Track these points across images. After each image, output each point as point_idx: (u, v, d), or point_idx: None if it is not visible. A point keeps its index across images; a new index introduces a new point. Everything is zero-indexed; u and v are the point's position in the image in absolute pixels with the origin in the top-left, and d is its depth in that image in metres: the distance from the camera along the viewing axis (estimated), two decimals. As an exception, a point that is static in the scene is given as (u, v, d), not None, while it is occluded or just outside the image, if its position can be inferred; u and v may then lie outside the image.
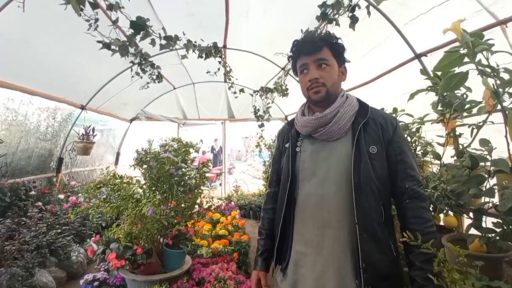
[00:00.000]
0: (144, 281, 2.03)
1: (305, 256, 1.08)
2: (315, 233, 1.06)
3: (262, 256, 1.25)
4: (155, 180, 2.08)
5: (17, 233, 2.83)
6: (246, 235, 3.36)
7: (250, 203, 5.34)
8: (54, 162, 4.28)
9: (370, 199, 1.01)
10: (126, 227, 2.07)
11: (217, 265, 2.42)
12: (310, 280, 1.05)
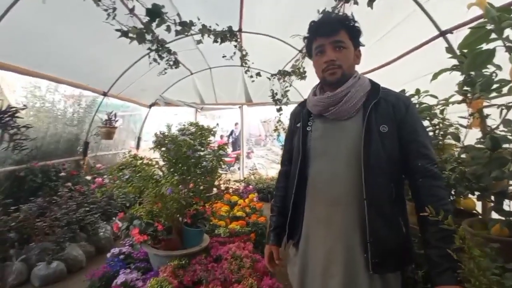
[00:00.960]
0: (165, 255, 2.15)
1: (315, 231, 1.12)
2: (325, 209, 1.09)
3: (275, 231, 1.30)
4: (173, 162, 2.16)
5: (48, 210, 3.05)
6: (263, 217, 3.43)
7: (269, 187, 5.40)
8: (80, 146, 4.51)
9: (379, 177, 1.02)
10: (147, 206, 2.18)
11: (234, 244, 2.51)
12: (320, 254, 1.09)
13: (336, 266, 1.05)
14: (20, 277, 2.74)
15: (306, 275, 1.15)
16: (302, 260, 1.16)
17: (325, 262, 1.08)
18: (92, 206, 3.46)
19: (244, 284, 1.87)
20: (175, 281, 1.90)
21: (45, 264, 2.74)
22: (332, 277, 1.05)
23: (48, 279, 2.72)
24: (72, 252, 2.95)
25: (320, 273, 1.09)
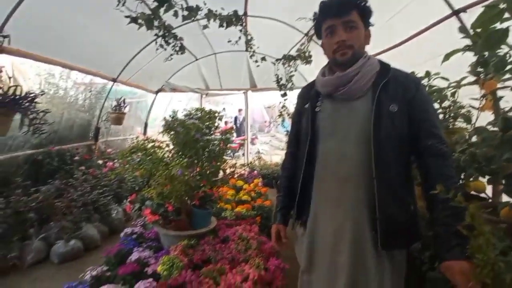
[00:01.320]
0: (175, 235, 2.22)
1: (324, 210, 1.13)
2: (334, 188, 1.10)
3: (282, 211, 1.32)
4: (182, 145, 2.18)
5: (65, 192, 3.15)
6: (268, 201, 3.48)
7: (273, 173, 5.43)
8: (92, 131, 4.59)
9: (389, 156, 1.02)
10: (157, 188, 2.23)
11: (241, 226, 2.57)
12: (328, 231, 1.11)
13: (344, 243, 1.07)
14: (39, 255, 2.86)
15: (314, 252, 1.18)
16: (310, 238, 1.18)
17: (334, 239, 1.10)
18: (104, 189, 3.55)
19: (251, 264, 1.92)
20: (186, 259, 1.96)
21: (63, 242, 2.86)
22: (340, 254, 1.08)
23: (66, 256, 2.85)
24: (88, 232, 3.07)
25: (329, 249, 1.11)
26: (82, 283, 1.86)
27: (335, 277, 1.09)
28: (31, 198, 2.99)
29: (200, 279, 1.75)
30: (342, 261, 1.07)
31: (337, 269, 1.08)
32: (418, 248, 1.35)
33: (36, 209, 3.00)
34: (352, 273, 1.05)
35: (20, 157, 3.39)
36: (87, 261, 2.80)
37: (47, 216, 3.06)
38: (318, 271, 1.16)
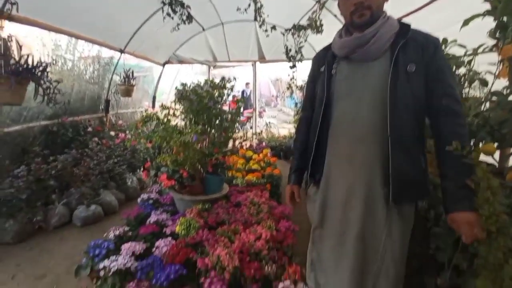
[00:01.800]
0: (190, 200, 2.35)
1: (337, 168, 1.18)
2: (348, 148, 1.14)
3: (296, 173, 1.39)
4: (195, 113, 2.23)
5: (82, 161, 3.29)
6: (277, 169, 3.58)
7: (281, 145, 5.51)
8: (102, 104, 4.66)
9: (404, 116, 1.05)
10: (172, 156, 2.32)
11: (252, 192, 2.68)
12: (341, 188, 1.17)
13: (356, 199, 1.13)
14: (62, 219, 3.06)
15: (327, 209, 1.24)
16: (323, 196, 1.24)
17: (346, 196, 1.15)
18: (119, 159, 3.69)
19: (263, 225, 2.04)
20: (201, 221, 2.10)
21: (84, 207, 3.04)
22: (352, 209, 1.14)
23: (88, 220, 3.04)
24: (106, 198, 3.24)
25: (341, 206, 1.17)
26: (106, 240, 2.01)
27: (346, 230, 1.16)
28: (51, 166, 3.15)
29: (216, 237, 1.89)
30: (353, 216, 1.14)
31: (348, 223, 1.16)
32: (424, 207, 1.43)
33: (56, 176, 3.16)
34: (362, 226, 1.12)
35: (36, 127, 3.51)
36: (107, 224, 2.98)
37: (67, 183, 3.22)
38: (330, 226, 1.24)
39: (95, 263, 1.88)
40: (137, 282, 1.56)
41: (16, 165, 3.03)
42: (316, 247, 1.34)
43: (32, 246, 2.70)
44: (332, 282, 1.25)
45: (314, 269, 1.35)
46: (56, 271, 2.32)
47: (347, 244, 1.16)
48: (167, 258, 1.72)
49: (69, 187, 3.23)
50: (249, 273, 1.58)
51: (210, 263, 1.63)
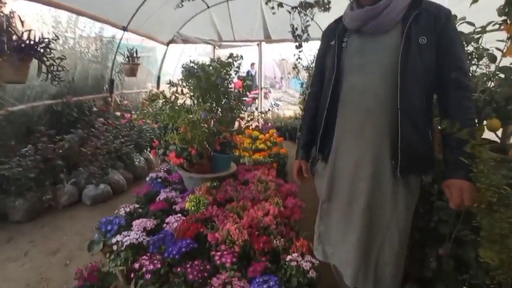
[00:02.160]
0: (198, 178, 2.36)
1: (346, 142, 1.19)
2: (357, 121, 1.14)
3: (304, 148, 1.41)
4: (203, 90, 2.20)
5: (89, 141, 3.30)
6: (284, 149, 3.58)
7: (286, 125, 5.48)
8: (106, 83, 4.62)
9: (414, 88, 1.04)
10: (179, 135, 2.31)
11: (259, 170, 2.69)
12: (350, 161, 1.18)
13: (364, 171, 1.14)
14: (72, 198, 3.11)
15: (335, 183, 1.26)
16: (332, 170, 1.26)
17: (354, 168, 1.17)
18: (125, 139, 3.70)
19: (271, 202, 2.05)
20: (210, 198, 2.12)
21: (93, 186, 3.09)
22: (360, 182, 1.16)
23: (97, 199, 3.09)
24: (114, 177, 3.28)
25: (349, 178, 1.19)
26: (117, 217, 2.05)
27: (353, 203, 1.20)
28: (58, 146, 3.17)
29: (225, 213, 1.91)
30: (361, 188, 1.16)
31: (356, 195, 1.18)
32: (428, 182, 1.44)
33: (63, 156, 3.18)
34: (370, 197, 1.14)
35: (40, 107, 3.50)
36: (116, 203, 3.03)
37: (75, 162, 3.25)
38: (338, 199, 1.27)
39: (107, 239, 1.92)
40: (150, 256, 1.59)
41: (22, 144, 3.05)
42: (323, 221, 1.38)
43: (43, 224, 2.77)
44: (339, 252, 1.29)
45: (322, 242, 1.40)
46: (68, 247, 2.39)
47: (354, 215, 1.19)
48: (178, 233, 1.75)
49: (77, 166, 3.26)
50: (258, 247, 1.60)
51: (220, 237, 1.66)
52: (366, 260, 1.19)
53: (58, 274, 2.03)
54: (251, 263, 1.55)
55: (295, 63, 5.42)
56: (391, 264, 1.17)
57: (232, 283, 1.34)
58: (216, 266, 1.51)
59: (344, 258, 1.26)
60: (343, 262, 1.28)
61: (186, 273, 1.42)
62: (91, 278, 1.52)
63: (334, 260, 1.36)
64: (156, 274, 1.51)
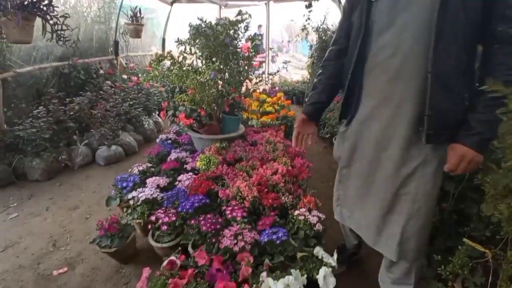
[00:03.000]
0: (207, 139, 2.39)
1: (372, 108, 1.10)
2: (384, 85, 1.05)
3: (314, 105, 1.30)
4: (211, 49, 2.13)
5: (98, 103, 3.31)
6: (292, 111, 3.55)
7: (294, 89, 5.37)
8: (111, 46, 4.50)
9: (451, 46, 0.92)
10: (189, 94, 2.29)
11: (267, 132, 2.70)
12: (375, 128, 1.11)
13: (389, 139, 1.08)
14: (86, 159, 3.20)
15: (357, 149, 1.20)
16: (355, 137, 1.19)
17: (379, 136, 1.10)
18: (134, 101, 3.69)
19: (279, 162, 2.08)
20: (220, 157, 2.16)
21: (106, 147, 3.16)
22: (385, 150, 1.10)
23: (110, 160, 3.18)
24: (125, 139, 3.34)
25: (373, 146, 1.13)
26: (132, 175, 2.12)
27: (376, 171, 1.15)
28: (68, 108, 3.19)
29: (235, 172, 1.96)
30: (386, 156, 1.10)
31: (379, 163, 1.13)
32: None
33: (74, 118, 3.22)
34: (395, 166, 1.08)
35: (48, 69, 3.47)
36: (129, 163, 3.12)
37: (86, 124, 3.30)
38: (359, 166, 1.21)
39: (123, 195, 2.01)
40: (165, 210, 1.67)
41: (33, 106, 3.08)
42: (342, 185, 1.34)
43: (61, 183, 2.88)
44: (357, 217, 1.28)
45: (340, 204, 1.38)
46: (87, 203, 2.51)
47: (377, 184, 1.15)
48: (190, 189, 1.81)
49: (88, 128, 3.31)
50: (267, 202, 1.66)
51: (230, 193, 1.72)
52: (387, 228, 1.16)
53: (80, 228, 2.16)
54: (260, 217, 1.61)
55: (304, 24, 5.16)
56: (416, 237, 1.11)
57: (243, 233, 1.42)
58: (227, 220, 1.58)
59: (363, 224, 1.25)
60: (361, 227, 1.27)
61: (200, 225, 1.49)
62: (111, 228, 1.61)
63: (350, 223, 1.35)
64: (171, 226, 1.60)
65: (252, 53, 2.48)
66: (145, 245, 1.91)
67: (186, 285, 1.15)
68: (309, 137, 1.32)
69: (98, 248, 1.64)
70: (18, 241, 2.01)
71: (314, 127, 1.33)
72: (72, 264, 1.78)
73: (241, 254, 1.32)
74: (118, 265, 1.75)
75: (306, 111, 1.30)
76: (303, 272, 1.25)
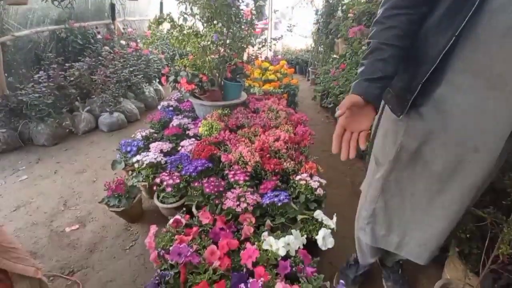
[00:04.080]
0: (209, 105, 2.36)
1: (467, 92, 0.72)
2: (499, 59, 0.66)
3: (377, 82, 0.76)
4: (213, 10, 2.02)
5: (98, 69, 3.23)
6: (295, 79, 3.47)
7: (297, 58, 5.21)
8: (107, 10, 4.29)
9: None
10: (190, 58, 2.22)
11: (269, 100, 2.66)
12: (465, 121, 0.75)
13: (489, 137, 0.74)
14: (89, 125, 3.21)
15: (424, 146, 0.84)
16: (427, 129, 0.82)
17: (471, 131, 0.75)
18: (134, 68, 3.61)
19: (281, 129, 2.07)
20: (222, 124, 2.15)
21: (108, 114, 3.15)
22: (477, 151, 0.76)
23: (113, 126, 3.19)
24: (127, 106, 3.32)
25: (456, 143, 0.78)
26: (135, 140, 2.13)
27: (454, 177, 0.82)
28: (69, 74, 3.13)
29: (237, 138, 1.96)
30: (476, 160, 0.77)
31: (461, 168, 0.80)
32: None
33: (75, 84, 3.18)
34: (485, 173, 0.78)
35: (45, 33, 3.36)
36: (131, 130, 3.13)
37: (87, 91, 3.26)
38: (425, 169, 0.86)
39: (128, 159, 2.04)
40: (169, 172, 1.70)
41: (33, 71, 3.03)
42: (385, 196, 0.98)
43: (67, 148, 2.92)
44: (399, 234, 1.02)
45: (372, 222, 1.06)
46: (93, 167, 2.56)
47: (451, 192, 0.84)
48: (193, 154, 1.83)
49: (90, 95, 3.28)
50: (269, 167, 1.68)
51: (233, 158, 1.74)
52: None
53: (88, 190, 2.23)
54: (262, 182, 1.64)
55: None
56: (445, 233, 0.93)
57: (245, 196, 1.45)
58: (230, 183, 1.61)
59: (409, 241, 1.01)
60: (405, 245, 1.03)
61: (203, 187, 1.53)
62: (118, 189, 1.66)
63: (384, 244, 1.08)
64: (175, 187, 1.64)
65: (254, 15, 2.36)
66: (151, 206, 1.98)
67: (191, 241, 1.21)
68: (362, 136, 0.75)
69: (107, 208, 1.71)
70: (29, 201, 2.08)
71: (371, 117, 0.77)
72: (83, 222, 1.86)
73: (244, 215, 1.37)
74: (126, 223, 1.83)
75: (364, 90, 0.75)
76: (303, 233, 1.30)
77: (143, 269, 1.51)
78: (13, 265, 1.06)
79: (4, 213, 1.95)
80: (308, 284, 0.98)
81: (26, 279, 1.12)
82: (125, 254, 1.60)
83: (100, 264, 1.54)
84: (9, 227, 1.80)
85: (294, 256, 1.14)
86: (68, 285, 1.43)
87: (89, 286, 1.42)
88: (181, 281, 1.04)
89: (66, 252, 1.62)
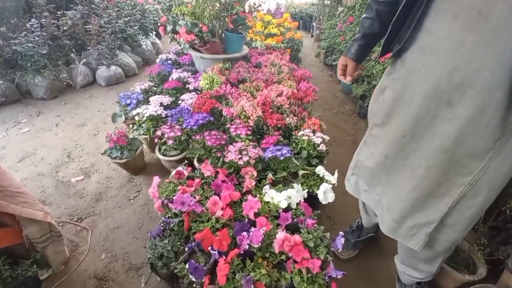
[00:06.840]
0: (210, 58, 2.20)
1: (451, 34, 0.65)
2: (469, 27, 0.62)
3: (360, 41, 0.91)
4: None
5: (91, 19, 2.97)
6: (299, 34, 3.22)
7: (301, 12, 4.80)
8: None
9: None
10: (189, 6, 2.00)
11: (272, 54, 2.48)
12: (440, 70, 0.68)
13: (461, 91, 0.66)
14: (87, 78, 3.05)
15: (402, 99, 0.79)
16: (404, 79, 0.78)
17: (446, 82, 0.67)
18: (129, 18, 3.32)
19: (284, 84, 1.96)
20: (223, 77, 2.02)
21: (105, 67, 2.97)
22: (450, 106, 0.69)
23: (110, 80, 3.03)
24: (124, 59, 3.12)
25: (429, 96, 0.71)
26: (135, 93, 2.02)
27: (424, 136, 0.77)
28: (61, 23, 2.87)
29: (239, 92, 1.85)
30: (448, 116, 0.70)
31: (432, 125, 0.74)
32: None
33: (69, 34, 2.94)
34: (458, 134, 0.69)
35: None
36: (130, 84, 2.99)
37: (82, 42, 3.03)
38: (397, 125, 0.82)
39: (128, 112, 1.95)
40: (170, 125, 1.63)
41: (26, 19, 2.77)
42: (366, 149, 0.98)
43: (66, 101, 2.81)
44: (378, 193, 0.97)
45: (357, 173, 1.04)
46: (93, 121, 2.48)
47: (420, 154, 0.79)
48: (194, 107, 1.74)
49: (85, 46, 3.06)
50: (271, 122, 1.61)
51: (235, 112, 1.65)
52: (418, 214, 0.84)
53: (90, 142, 2.18)
54: (264, 137, 1.58)
55: None
56: (459, 228, 0.82)
57: (247, 149, 1.40)
58: (231, 137, 1.55)
59: (384, 203, 0.94)
60: (381, 206, 0.97)
61: (205, 140, 1.47)
62: (120, 140, 1.60)
63: (366, 199, 1.04)
64: (177, 140, 1.58)
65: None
66: (153, 159, 1.95)
67: (194, 192, 1.18)
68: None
69: (110, 160, 1.67)
70: (33, 152, 2.05)
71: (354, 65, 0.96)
72: (88, 173, 1.85)
73: (245, 168, 1.33)
74: (129, 175, 1.81)
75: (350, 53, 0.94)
76: (304, 187, 1.28)
77: (147, 218, 1.52)
78: (21, 209, 1.04)
79: (9, 163, 1.93)
80: (308, 234, 0.97)
81: (35, 223, 1.11)
82: (130, 204, 1.61)
83: (106, 212, 1.55)
84: (15, 177, 1.79)
85: (295, 209, 1.13)
86: (77, 230, 1.45)
87: (97, 231, 1.44)
88: (185, 228, 1.04)
89: (73, 201, 1.62)
